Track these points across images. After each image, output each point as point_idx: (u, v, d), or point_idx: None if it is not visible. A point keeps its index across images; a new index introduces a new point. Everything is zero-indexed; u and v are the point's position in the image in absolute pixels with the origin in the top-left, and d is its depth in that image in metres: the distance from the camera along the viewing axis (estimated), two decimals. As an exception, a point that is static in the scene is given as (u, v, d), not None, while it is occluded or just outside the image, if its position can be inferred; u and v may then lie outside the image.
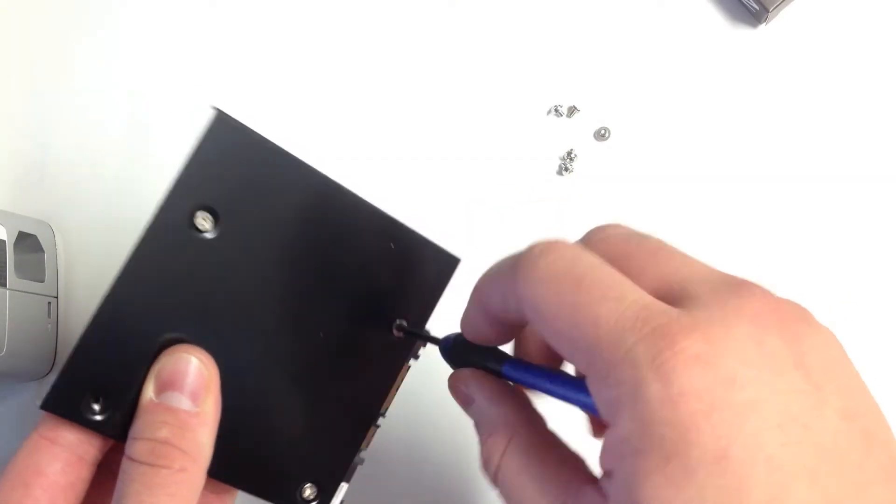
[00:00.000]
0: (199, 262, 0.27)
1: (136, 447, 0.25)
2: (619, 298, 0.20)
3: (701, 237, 0.45)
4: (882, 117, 0.46)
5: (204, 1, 0.51)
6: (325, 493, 0.30)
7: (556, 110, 0.47)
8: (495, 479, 0.24)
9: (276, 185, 0.28)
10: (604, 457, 0.21)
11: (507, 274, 0.23)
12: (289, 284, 0.29)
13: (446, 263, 0.33)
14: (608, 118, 0.47)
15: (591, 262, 0.21)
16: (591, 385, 0.20)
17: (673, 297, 0.21)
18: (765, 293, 0.20)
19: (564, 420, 0.26)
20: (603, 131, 0.47)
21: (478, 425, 0.26)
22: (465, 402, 0.27)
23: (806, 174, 0.46)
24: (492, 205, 0.46)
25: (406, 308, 0.32)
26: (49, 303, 0.45)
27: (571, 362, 0.22)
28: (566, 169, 0.46)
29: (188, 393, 0.26)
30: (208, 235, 0.27)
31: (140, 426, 0.26)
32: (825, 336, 0.21)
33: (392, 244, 0.31)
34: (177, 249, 0.27)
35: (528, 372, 0.26)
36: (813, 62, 0.47)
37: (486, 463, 0.25)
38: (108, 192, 0.48)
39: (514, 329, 0.26)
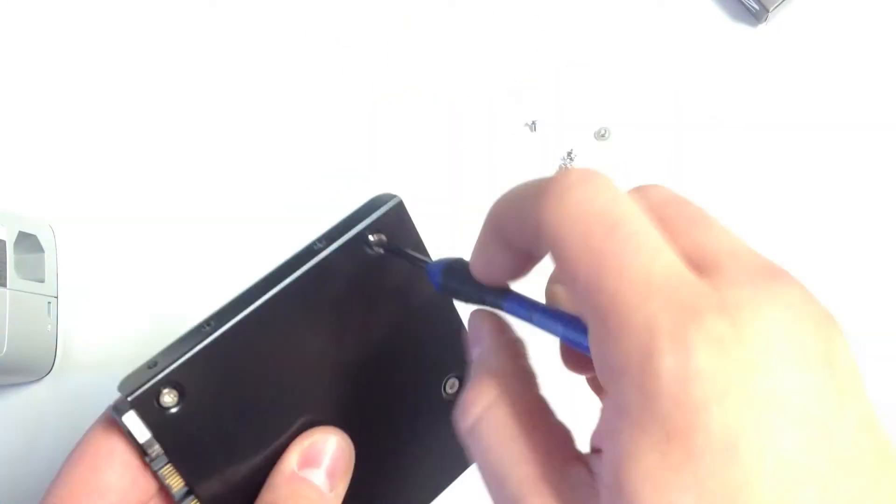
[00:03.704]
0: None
1: None
2: (653, 255, 0.18)
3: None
4: (882, 116, 0.46)
5: (203, 2, 0.51)
6: None
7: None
8: (470, 433, 0.22)
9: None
10: (597, 432, 0.19)
11: (530, 200, 0.20)
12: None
13: None
14: (608, 118, 0.47)
15: (631, 209, 0.19)
16: (597, 343, 0.19)
17: (706, 269, 0.19)
18: (803, 288, 0.19)
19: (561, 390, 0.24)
20: (603, 131, 0.47)
21: (472, 368, 0.24)
22: (475, 341, 0.25)
23: (805, 174, 0.46)
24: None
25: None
26: (49, 303, 0.45)
27: (584, 313, 0.20)
28: (566, 169, 0.46)
29: (326, 473, 0.26)
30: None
31: (282, 494, 0.26)
32: (847, 344, 0.19)
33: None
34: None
35: (533, 310, 0.22)
36: (813, 62, 0.47)
37: (464, 411, 0.22)
38: (108, 192, 0.48)
39: (530, 263, 0.23)
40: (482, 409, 0.22)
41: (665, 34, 0.48)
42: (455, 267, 0.25)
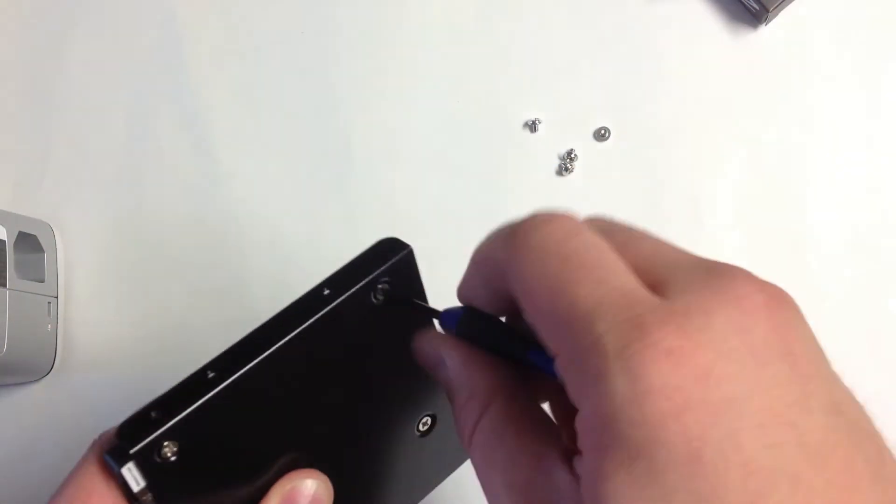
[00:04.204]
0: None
1: None
2: (601, 281, 0.19)
3: (701, 237, 0.45)
4: (881, 117, 0.46)
5: (203, 2, 0.51)
6: None
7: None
8: (470, 453, 0.23)
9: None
10: (578, 439, 0.19)
11: (500, 244, 0.22)
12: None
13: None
14: (608, 118, 0.47)
15: (586, 241, 0.20)
16: (561, 369, 0.19)
17: (657, 285, 0.19)
18: (749, 276, 0.19)
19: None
20: (603, 131, 0.47)
21: (451, 390, 0.24)
22: (433, 364, 0.25)
23: (805, 173, 0.46)
24: (492, 205, 0.46)
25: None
26: (49, 303, 0.45)
27: (546, 343, 0.20)
28: (566, 169, 0.46)
29: None
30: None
31: None
32: (806, 323, 0.19)
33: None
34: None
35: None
36: (813, 62, 0.47)
37: (461, 431, 0.23)
38: (108, 192, 0.48)
39: (510, 303, 0.23)
40: (471, 428, 0.22)
41: (665, 34, 0.48)
42: (474, 316, 0.25)
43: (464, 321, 0.25)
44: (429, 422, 0.31)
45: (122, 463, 0.24)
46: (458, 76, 0.49)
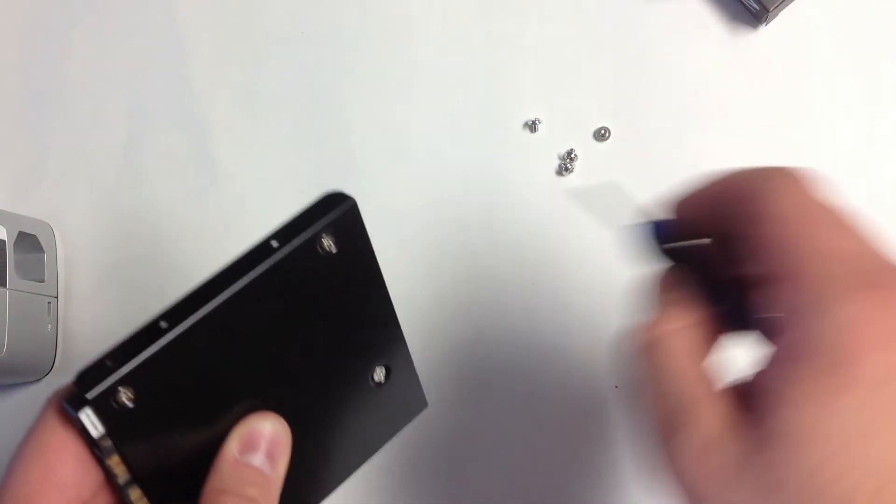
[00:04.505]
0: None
1: (226, 501, 0.27)
2: (852, 239, 0.24)
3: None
4: (881, 117, 0.46)
5: (203, 2, 0.51)
6: None
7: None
8: (653, 346, 0.26)
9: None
10: (759, 374, 0.23)
11: (763, 178, 0.26)
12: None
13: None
14: (608, 118, 0.47)
15: (843, 209, 0.25)
16: (785, 290, 0.23)
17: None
18: None
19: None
20: (603, 131, 0.47)
21: (662, 303, 0.27)
22: (667, 287, 0.28)
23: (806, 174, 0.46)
24: (492, 205, 0.46)
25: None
26: (49, 303, 0.45)
27: (767, 267, 0.24)
28: (566, 169, 0.46)
29: (266, 455, 0.28)
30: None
31: (229, 481, 0.27)
32: None
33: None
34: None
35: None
36: (813, 62, 0.47)
37: (655, 326, 0.26)
38: (108, 192, 0.48)
39: (721, 228, 0.27)
40: (673, 329, 0.26)
41: (665, 34, 0.48)
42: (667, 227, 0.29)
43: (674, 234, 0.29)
44: (383, 372, 0.32)
45: (80, 407, 0.24)
46: (458, 76, 0.49)
